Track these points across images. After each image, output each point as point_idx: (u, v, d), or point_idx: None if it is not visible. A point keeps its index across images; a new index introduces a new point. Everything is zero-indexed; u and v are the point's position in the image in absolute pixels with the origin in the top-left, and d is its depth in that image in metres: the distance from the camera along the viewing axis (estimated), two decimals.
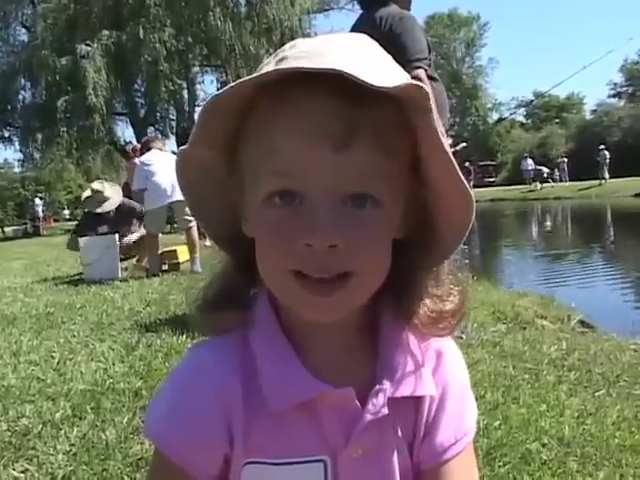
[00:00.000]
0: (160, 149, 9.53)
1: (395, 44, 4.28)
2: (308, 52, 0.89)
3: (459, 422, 1.08)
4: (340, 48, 0.91)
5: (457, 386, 1.10)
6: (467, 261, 1.12)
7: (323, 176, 0.88)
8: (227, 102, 0.90)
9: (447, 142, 0.92)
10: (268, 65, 0.92)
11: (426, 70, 4.41)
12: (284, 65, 0.88)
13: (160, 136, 30.17)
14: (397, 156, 0.92)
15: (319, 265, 0.89)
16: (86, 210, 10.14)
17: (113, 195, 9.74)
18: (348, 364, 1.04)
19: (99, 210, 9.65)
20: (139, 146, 11.27)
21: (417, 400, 1.05)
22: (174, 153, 10.37)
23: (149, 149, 9.43)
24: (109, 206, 9.68)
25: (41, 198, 53.77)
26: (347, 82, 0.81)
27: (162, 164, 8.81)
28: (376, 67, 0.88)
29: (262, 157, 0.91)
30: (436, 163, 0.93)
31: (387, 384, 1.00)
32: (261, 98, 0.91)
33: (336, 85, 0.83)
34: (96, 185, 9.85)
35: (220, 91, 0.89)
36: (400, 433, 1.04)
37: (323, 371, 0.99)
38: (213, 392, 1.00)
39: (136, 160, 9.93)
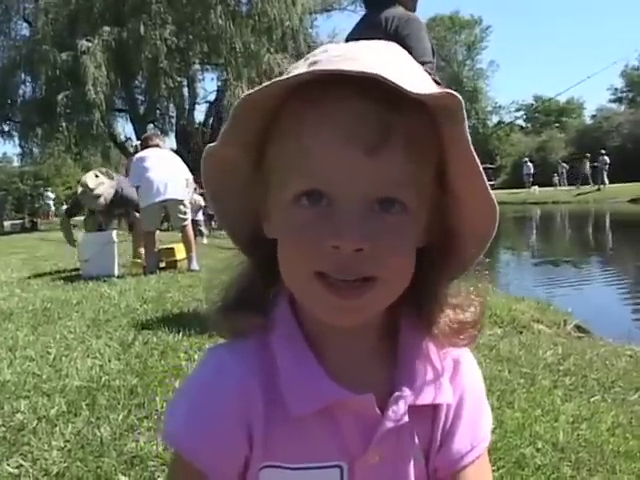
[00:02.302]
0: (158, 146, 9.49)
1: (401, 46, 4.29)
2: (341, 56, 0.89)
3: (475, 429, 1.08)
4: (372, 54, 0.91)
5: (474, 393, 1.10)
6: (487, 272, 1.12)
7: (353, 179, 0.87)
8: (258, 102, 0.90)
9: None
10: (299, 68, 0.91)
11: (430, 74, 4.42)
12: (317, 68, 0.88)
13: (160, 133, 30.24)
14: (426, 163, 0.92)
15: (344, 268, 0.88)
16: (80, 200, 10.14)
17: (105, 191, 9.67)
18: (367, 370, 1.03)
19: (94, 206, 9.73)
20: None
21: (434, 408, 1.05)
22: (173, 151, 10.37)
23: (147, 146, 9.42)
24: (103, 201, 9.65)
25: (52, 191, 53.60)
26: (381, 87, 0.82)
27: (157, 161, 8.78)
28: (409, 74, 0.88)
29: (292, 157, 0.91)
30: (464, 172, 0.93)
31: (407, 391, 1.00)
32: (292, 99, 0.90)
33: (370, 89, 0.83)
34: (89, 181, 9.72)
35: (253, 90, 0.88)
36: (417, 440, 1.04)
37: (343, 377, 0.99)
38: (233, 393, 0.99)
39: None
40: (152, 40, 31.36)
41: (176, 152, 10.05)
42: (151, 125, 36.57)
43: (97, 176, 9.85)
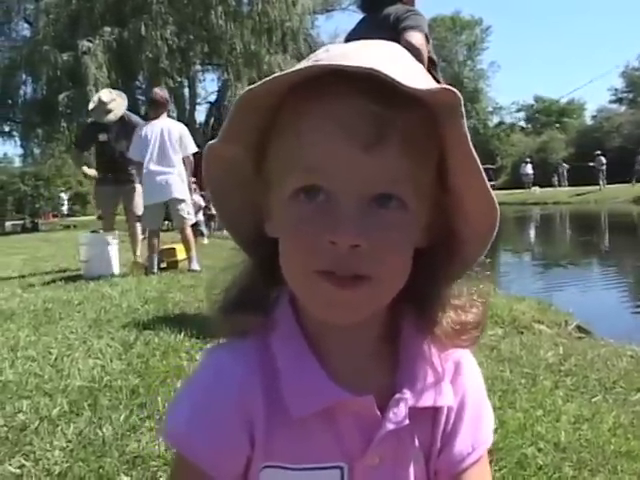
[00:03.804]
0: (165, 111, 9.29)
1: (398, 25, 4.39)
2: (341, 55, 0.90)
3: (477, 431, 1.08)
4: (373, 52, 0.92)
5: (475, 395, 1.10)
6: (489, 273, 1.12)
7: (350, 174, 0.88)
8: (259, 98, 0.90)
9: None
10: (300, 65, 0.92)
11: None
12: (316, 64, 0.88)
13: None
14: (425, 160, 0.92)
15: (341, 264, 0.89)
16: (89, 121, 10.35)
17: (117, 107, 9.80)
18: (368, 371, 1.03)
19: (104, 120, 9.74)
20: None
21: (435, 410, 1.05)
22: (179, 121, 10.28)
23: (157, 115, 9.03)
24: (113, 117, 9.74)
25: (66, 192, 53.40)
26: (380, 83, 0.82)
27: (160, 151, 8.58)
28: (408, 72, 0.88)
29: (291, 153, 0.91)
30: (463, 171, 0.93)
31: (408, 393, 1.00)
32: (292, 95, 0.91)
33: (369, 86, 0.84)
34: (103, 96, 9.90)
35: (253, 86, 0.89)
36: (417, 442, 1.04)
37: (343, 377, 0.99)
38: (234, 394, 0.99)
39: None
40: (153, 40, 31.37)
41: None
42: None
43: (110, 92, 10.12)
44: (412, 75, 0.87)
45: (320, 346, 1.01)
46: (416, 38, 4.32)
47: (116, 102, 9.81)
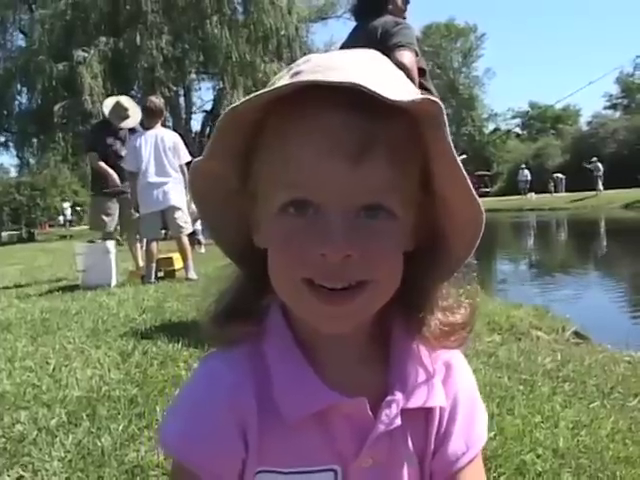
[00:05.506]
0: (159, 120, 9.14)
1: (388, 40, 4.40)
2: (323, 66, 0.91)
3: (470, 430, 1.10)
4: (354, 63, 0.92)
5: (467, 395, 1.12)
6: (475, 274, 1.13)
7: (338, 187, 0.89)
8: (243, 115, 0.91)
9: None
10: (282, 79, 0.93)
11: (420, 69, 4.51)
12: (300, 79, 0.89)
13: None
14: (410, 168, 0.93)
15: (332, 275, 0.90)
16: (102, 119, 10.30)
17: (134, 115, 9.83)
18: (360, 375, 1.05)
19: (119, 124, 9.75)
20: None
21: (427, 411, 1.06)
22: (175, 130, 10.26)
23: (152, 125, 8.98)
24: (131, 123, 9.79)
25: (68, 201, 53.24)
26: (362, 96, 0.83)
27: (155, 161, 8.59)
28: (390, 82, 0.90)
29: (277, 168, 0.92)
30: (448, 177, 0.94)
31: (399, 395, 1.01)
32: (275, 110, 0.91)
33: (351, 98, 0.85)
34: (124, 101, 9.96)
35: (236, 104, 0.90)
36: (410, 444, 1.05)
37: (335, 381, 1.00)
38: (227, 401, 1.00)
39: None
40: (148, 50, 31.47)
41: None
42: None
43: (129, 100, 10.24)
44: (395, 86, 0.89)
45: (312, 350, 1.03)
46: (407, 57, 4.34)
47: (133, 110, 9.88)
